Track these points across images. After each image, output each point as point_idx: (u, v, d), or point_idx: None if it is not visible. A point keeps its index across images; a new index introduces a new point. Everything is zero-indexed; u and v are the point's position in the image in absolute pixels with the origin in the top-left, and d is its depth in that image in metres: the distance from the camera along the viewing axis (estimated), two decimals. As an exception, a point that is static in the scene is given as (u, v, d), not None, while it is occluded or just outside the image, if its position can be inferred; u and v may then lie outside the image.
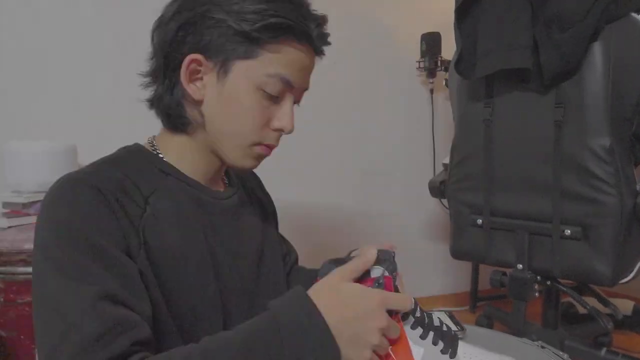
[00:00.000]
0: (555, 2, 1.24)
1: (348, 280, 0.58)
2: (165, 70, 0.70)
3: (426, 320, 0.62)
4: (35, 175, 1.46)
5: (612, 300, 1.70)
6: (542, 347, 0.76)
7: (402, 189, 2.31)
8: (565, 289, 1.45)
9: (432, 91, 2.29)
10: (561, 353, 0.73)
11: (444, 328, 0.64)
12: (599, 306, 1.63)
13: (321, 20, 0.70)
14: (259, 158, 0.73)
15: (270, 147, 0.72)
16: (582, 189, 1.28)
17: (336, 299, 0.55)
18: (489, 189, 1.45)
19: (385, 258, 0.62)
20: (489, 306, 1.97)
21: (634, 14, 1.23)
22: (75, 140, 1.61)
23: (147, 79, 0.74)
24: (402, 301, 0.59)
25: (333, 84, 2.16)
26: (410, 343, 0.59)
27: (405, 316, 0.60)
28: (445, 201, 1.64)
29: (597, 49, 1.22)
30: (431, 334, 0.61)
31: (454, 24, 1.43)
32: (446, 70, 2.15)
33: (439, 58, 2.19)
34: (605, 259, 1.27)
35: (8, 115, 1.75)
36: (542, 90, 1.31)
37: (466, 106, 1.49)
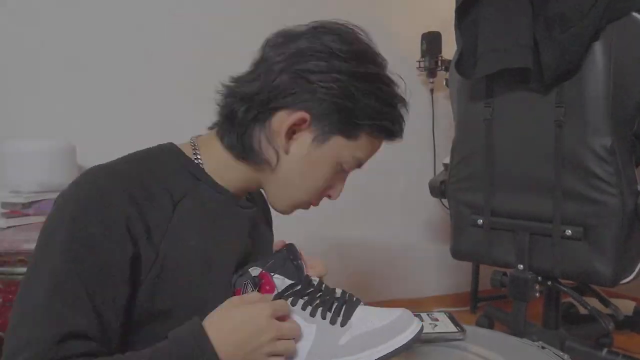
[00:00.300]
0: (557, 2, 1.24)
1: (238, 305, 0.62)
2: (264, 103, 0.69)
3: (322, 298, 0.65)
4: (34, 175, 1.46)
5: (613, 300, 1.69)
6: (543, 347, 0.76)
7: (403, 188, 2.31)
8: (566, 290, 1.45)
9: (432, 91, 2.29)
10: (562, 354, 0.73)
11: (345, 298, 0.66)
12: (600, 306, 1.62)
13: (403, 117, 0.76)
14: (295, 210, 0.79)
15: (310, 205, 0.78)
16: (583, 189, 1.27)
17: (228, 326, 0.60)
18: (490, 189, 1.45)
19: (269, 257, 0.68)
20: (490, 306, 1.97)
21: (635, 14, 1.23)
22: (74, 139, 1.61)
23: (240, 83, 0.73)
24: (283, 306, 0.63)
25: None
26: (303, 323, 0.63)
27: (294, 301, 0.64)
28: (445, 201, 1.64)
29: (598, 48, 1.22)
30: (319, 310, 0.63)
31: (455, 23, 1.42)
32: (446, 69, 2.15)
33: (440, 58, 2.19)
34: (606, 259, 1.27)
35: (7, 115, 1.75)
36: (542, 90, 1.31)
37: (467, 106, 1.49)
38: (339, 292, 0.67)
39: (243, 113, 0.70)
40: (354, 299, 0.66)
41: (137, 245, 0.62)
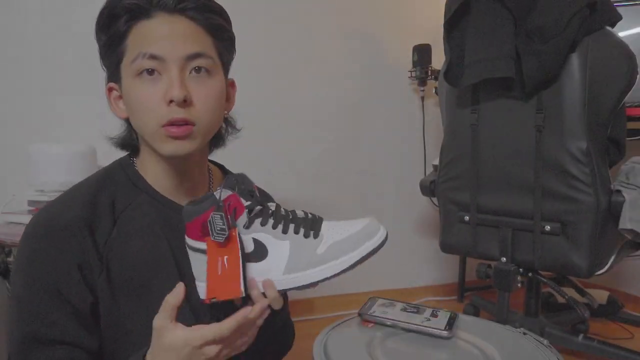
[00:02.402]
0: (537, 16, 1.24)
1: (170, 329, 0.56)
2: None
3: (289, 217, 0.62)
4: (57, 175, 1.46)
5: (589, 290, 1.70)
6: (525, 333, 0.76)
7: (396, 188, 2.31)
8: (545, 280, 1.45)
9: (423, 98, 2.29)
10: (542, 339, 0.73)
11: (308, 216, 0.64)
12: (577, 296, 1.63)
13: None
14: (176, 139, 0.64)
15: (176, 124, 0.63)
16: (561, 188, 1.27)
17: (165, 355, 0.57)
18: (475, 188, 1.45)
19: (231, 180, 0.61)
20: (475, 296, 1.97)
21: (608, 27, 1.23)
22: (94, 143, 1.60)
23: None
24: (219, 330, 0.55)
25: (333, 91, 2.16)
26: (275, 241, 0.60)
27: (264, 221, 0.61)
28: (435, 199, 1.64)
29: (575, 59, 1.22)
30: (291, 226, 0.61)
31: (443, 36, 1.42)
32: (436, 79, 2.15)
33: (430, 68, 2.19)
34: (582, 252, 1.27)
35: (33, 119, 1.75)
36: (524, 97, 1.31)
37: (454, 112, 1.49)
38: (300, 212, 0.65)
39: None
40: (317, 216, 0.64)
41: (82, 257, 0.63)
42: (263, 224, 0.60)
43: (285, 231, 0.61)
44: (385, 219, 2.29)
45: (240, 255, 0.57)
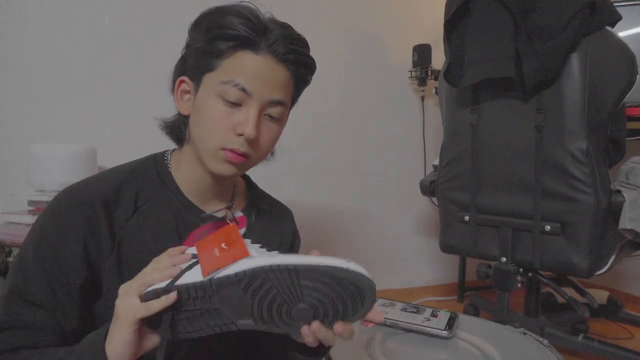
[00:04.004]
0: (536, 16, 1.24)
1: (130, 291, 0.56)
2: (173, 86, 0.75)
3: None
4: (57, 175, 1.46)
5: (589, 290, 1.70)
6: (524, 333, 0.76)
7: (396, 188, 2.31)
8: (545, 280, 1.45)
9: (423, 98, 2.29)
10: (542, 339, 0.73)
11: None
12: (577, 296, 1.63)
13: (276, 31, 0.68)
14: (230, 163, 0.69)
15: (236, 152, 0.68)
16: (561, 188, 1.27)
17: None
18: (475, 188, 1.45)
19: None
20: (476, 296, 1.97)
21: (608, 27, 1.23)
22: (95, 143, 1.60)
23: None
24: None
25: (333, 91, 2.16)
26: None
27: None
28: (435, 199, 1.64)
29: (575, 59, 1.22)
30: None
31: (443, 36, 1.42)
32: (436, 79, 2.15)
33: (430, 68, 2.19)
34: (582, 252, 1.27)
35: (33, 120, 1.75)
36: (524, 97, 1.31)
37: (454, 112, 1.49)
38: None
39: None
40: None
41: (94, 234, 0.65)
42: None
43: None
44: (386, 219, 2.29)
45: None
